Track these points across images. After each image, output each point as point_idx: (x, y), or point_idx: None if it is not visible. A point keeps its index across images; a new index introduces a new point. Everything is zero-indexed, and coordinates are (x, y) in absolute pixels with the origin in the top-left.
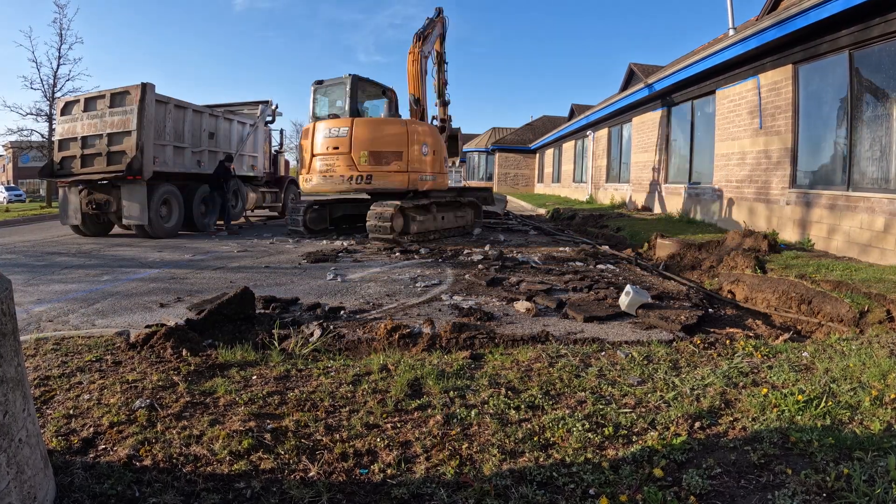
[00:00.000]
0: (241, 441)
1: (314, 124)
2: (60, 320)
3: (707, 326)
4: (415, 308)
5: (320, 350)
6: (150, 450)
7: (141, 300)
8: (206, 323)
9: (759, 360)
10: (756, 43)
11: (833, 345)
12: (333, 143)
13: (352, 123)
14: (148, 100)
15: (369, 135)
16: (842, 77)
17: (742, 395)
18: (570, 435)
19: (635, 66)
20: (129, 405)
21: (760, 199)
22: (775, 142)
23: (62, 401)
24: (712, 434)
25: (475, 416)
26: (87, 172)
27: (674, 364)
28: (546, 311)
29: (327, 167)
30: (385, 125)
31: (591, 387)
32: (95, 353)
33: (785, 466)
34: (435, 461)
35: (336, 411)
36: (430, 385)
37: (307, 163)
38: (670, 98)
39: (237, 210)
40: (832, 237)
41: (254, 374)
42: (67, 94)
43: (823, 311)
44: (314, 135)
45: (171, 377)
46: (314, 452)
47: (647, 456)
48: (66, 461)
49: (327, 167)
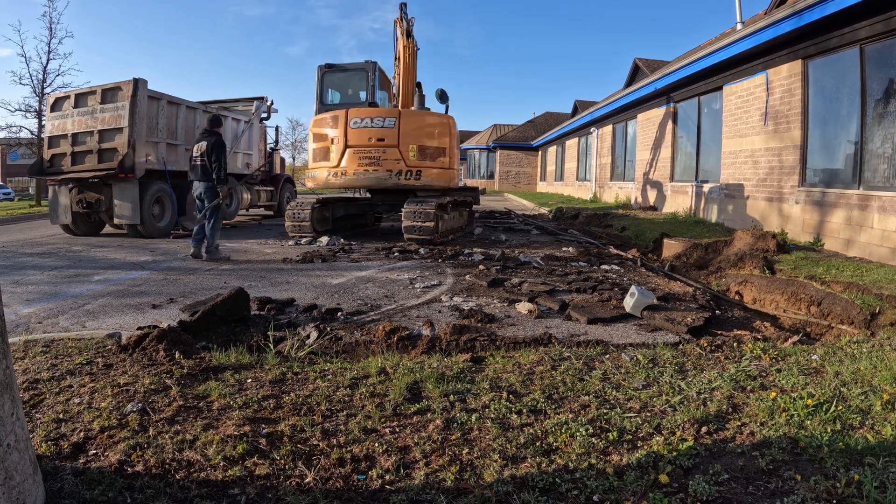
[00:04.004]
0: (236, 446)
1: (346, 112)
2: (50, 322)
3: (714, 328)
4: (414, 310)
5: (317, 353)
6: (142, 455)
7: (132, 301)
8: (199, 325)
9: (767, 363)
10: (769, 35)
11: (843, 347)
12: (378, 134)
13: (399, 114)
14: (140, 96)
15: (417, 128)
16: (853, 72)
17: (750, 399)
18: (573, 440)
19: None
20: (121, 409)
21: (769, 197)
22: (784, 139)
23: (52, 405)
24: (719, 439)
25: (476, 420)
26: (78, 170)
27: (680, 367)
28: (549, 312)
29: (371, 160)
30: (429, 118)
31: (595, 390)
32: (86, 356)
33: (794, 472)
34: (434, 467)
35: (333, 415)
36: (430, 388)
37: (335, 154)
38: (676, 94)
39: (231, 210)
40: (843, 237)
41: (248, 377)
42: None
43: (833, 313)
44: (346, 124)
45: (163, 380)
46: (310, 458)
47: (653, 461)
48: (56, 467)
49: (371, 160)
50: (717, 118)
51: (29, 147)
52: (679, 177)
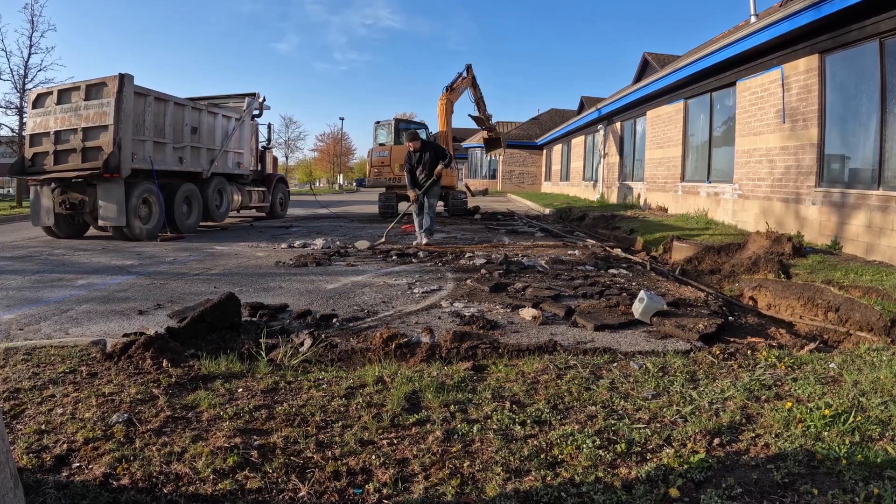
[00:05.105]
0: (226, 458)
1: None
2: (31, 328)
3: (727, 335)
4: (413, 316)
5: (311, 361)
6: (128, 468)
7: (118, 307)
8: (188, 331)
9: (782, 371)
10: (785, 28)
11: (862, 355)
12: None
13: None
14: (126, 92)
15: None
16: (872, 67)
17: (764, 410)
18: (579, 452)
19: (650, 56)
20: (106, 420)
21: (784, 198)
22: (801, 137)
23: (33, 415)
24: (732, 451)
25: (477, 431)
26: (61, 170)
27: (691, 376)
28: (554, 318)
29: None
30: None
31: (603, 400)
32: (69, 364)
33: (811, 486)
34: (434, 480)
35: (328, 426)
36: (430, 398)
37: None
38: (688, 90)
39: (221, 211)
40: (862, 239)
41: (239, 386)
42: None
43: (852, 319)
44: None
45: (150, 390)
46: (304, 471)
47: (663, 475)
48: (38, 480)
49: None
50: (731, 115)
51: (9, 145)
52: (690, 177)
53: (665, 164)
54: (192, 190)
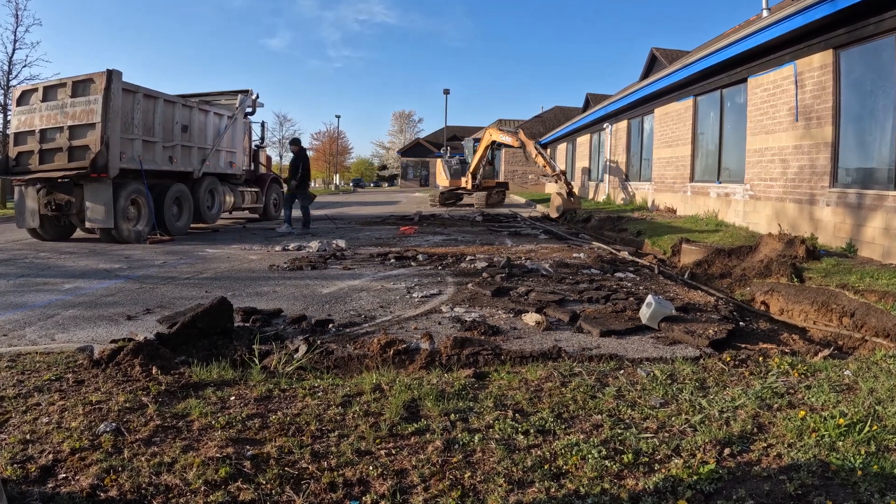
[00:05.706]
0: (218, 469)
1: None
2: (16, 334)
3: (738, 341)
4: (412, 321)
5: (306, 368)
6: (116, 479)
7: (106, 312)
8: (178, 337)
9: (795, 379)
10: (799, 23)
11: (878, 362)
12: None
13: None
14: (114, 88)
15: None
16: (889, 63)
17: (777, 419)
18: (584, 463)
19: (658, 52)
20: (93, 429)
21: (797, 199)
22: (815, 136)
23: (18, 424)
24: (743, 462)
25: (479, 441)
26: (46, 170)
27: (701, 383)
28: (558, 324)
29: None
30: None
31: (609, 409)
32: (55, 372)
33: (825, 498)
34: (434, 492)
35: (324, 436)
36: (429, 407)
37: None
38: (697, 87)
39: (213, 212)
40: (878, 242)
41: (232, 394)
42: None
43: (868, 325)
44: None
45: (139, 398)
46: (299, 482)
47: (671, 486)
48: (23, 491)
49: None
50: (742, 113)
51: None
52: (700, 177)
53: (674, 163)
54: (182, 190)
